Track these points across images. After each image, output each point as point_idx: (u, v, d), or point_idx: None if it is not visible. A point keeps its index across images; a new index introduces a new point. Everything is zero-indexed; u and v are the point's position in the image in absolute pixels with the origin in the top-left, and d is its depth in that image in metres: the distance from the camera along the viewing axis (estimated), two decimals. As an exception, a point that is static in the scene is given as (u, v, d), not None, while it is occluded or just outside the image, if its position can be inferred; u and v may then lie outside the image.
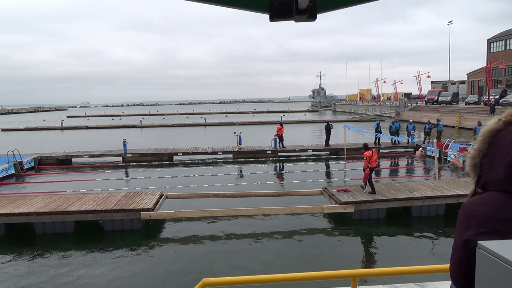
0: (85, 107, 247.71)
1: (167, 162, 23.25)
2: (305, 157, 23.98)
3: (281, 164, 22.26)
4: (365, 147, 13.32)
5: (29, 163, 21.69)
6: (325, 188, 13.40)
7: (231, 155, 24.29)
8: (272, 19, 1.46)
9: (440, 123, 25.37)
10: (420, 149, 23.31)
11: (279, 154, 24.41)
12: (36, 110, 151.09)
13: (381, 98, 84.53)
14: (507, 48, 57.18)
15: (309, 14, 1.43)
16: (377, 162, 12.78)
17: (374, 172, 12.76)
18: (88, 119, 75.62)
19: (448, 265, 1.37)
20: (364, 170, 12.68)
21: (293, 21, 1.50)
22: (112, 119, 74.98)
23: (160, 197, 12.48)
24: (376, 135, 24.38)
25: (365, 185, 12.50)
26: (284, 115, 70.12)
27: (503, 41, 58.14)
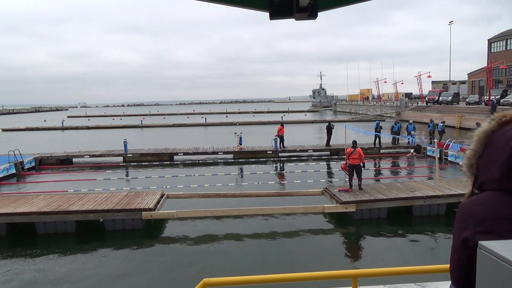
0: (85, 107, 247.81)
1: (168, 162, 23.25)
2: (305, 157, 23.98)
3: (281, 164, 22.26)
4: (353, 144, 13.46)
5: (30, 163, 21.71)
6: (326, 188, 13.40)
7: (231, 155, 24.28)
8: (272, 17, 1.43)
9: (439, 124, 25.30)
10: (412, 150, 23.61)
11: (279, 154, 24.39)
12: (37, 110, 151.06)
13: (381, 98, 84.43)
14: (508, 48, 57.12)
15: (309, 12, 1.40)
16: (361, 162, 12.95)
17: (357, 170, 12.91)
18: (89, 119, 75.62)
19: (448, 265, 1.37)
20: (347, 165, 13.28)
21: (294, 19, 1.46)
22: (113, 119, 74.93)
23: (161, 197, 12.49)
24: (375, 135, 24.39)
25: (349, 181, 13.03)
26: (284, 115, 70.01)
27: (504, 41, 58.09)
